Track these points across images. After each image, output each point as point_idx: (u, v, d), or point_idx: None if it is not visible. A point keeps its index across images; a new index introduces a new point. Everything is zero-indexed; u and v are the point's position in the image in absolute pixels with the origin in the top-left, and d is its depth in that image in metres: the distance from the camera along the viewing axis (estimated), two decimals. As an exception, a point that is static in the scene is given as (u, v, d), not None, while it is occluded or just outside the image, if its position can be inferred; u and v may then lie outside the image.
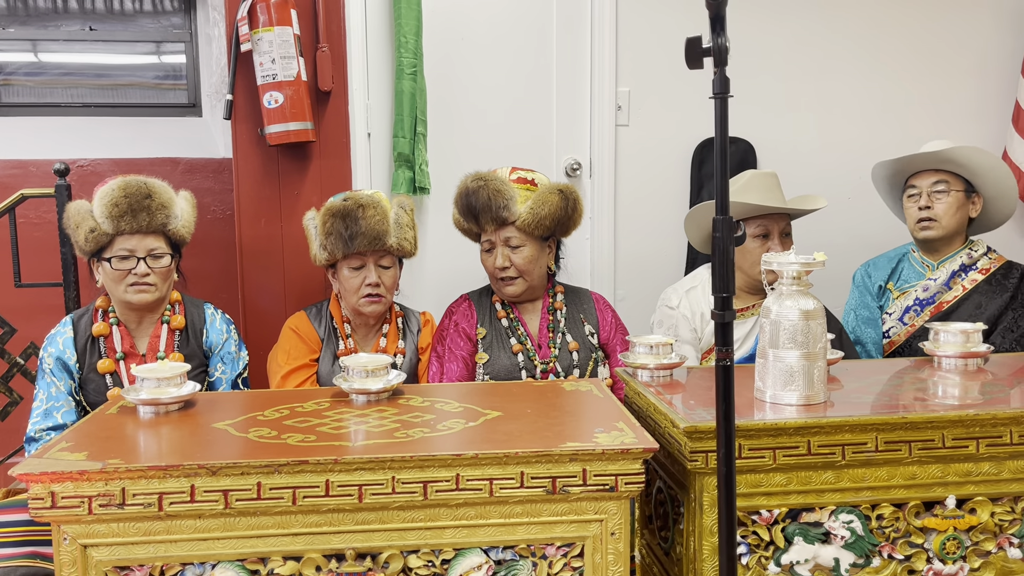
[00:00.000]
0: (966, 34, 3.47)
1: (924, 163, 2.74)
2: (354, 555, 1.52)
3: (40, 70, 3.38)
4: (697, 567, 1.67)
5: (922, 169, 2.76)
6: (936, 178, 2.73)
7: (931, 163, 2.72)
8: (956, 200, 2.72)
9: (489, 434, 1.63)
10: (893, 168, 2.82)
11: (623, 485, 1.54)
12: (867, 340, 2.80)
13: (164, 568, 1.50)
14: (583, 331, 2.57)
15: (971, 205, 2.75)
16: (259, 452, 1.53)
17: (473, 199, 2.47)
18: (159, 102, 3.41)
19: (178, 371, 1.84)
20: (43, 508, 1.46)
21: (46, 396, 2.27)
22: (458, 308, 2.60)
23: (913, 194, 2.77)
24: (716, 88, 1.29)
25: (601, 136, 3.29)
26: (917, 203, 2.75)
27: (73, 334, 2.31)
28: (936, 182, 2.73)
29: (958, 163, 2.69)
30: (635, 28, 3.27)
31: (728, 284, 1.32)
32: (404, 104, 3.00)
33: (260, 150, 2.82)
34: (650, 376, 2.01)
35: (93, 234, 2.25)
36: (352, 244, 2.38)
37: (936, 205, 2.72)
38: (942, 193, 2.71)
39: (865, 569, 1.70)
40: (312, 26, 2.82)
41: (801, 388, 1.73)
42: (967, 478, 1.71)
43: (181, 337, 2.37)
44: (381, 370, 1.89)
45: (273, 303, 2.85)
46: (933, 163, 2.72)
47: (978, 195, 2.75)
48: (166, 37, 3.40)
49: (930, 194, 2.73)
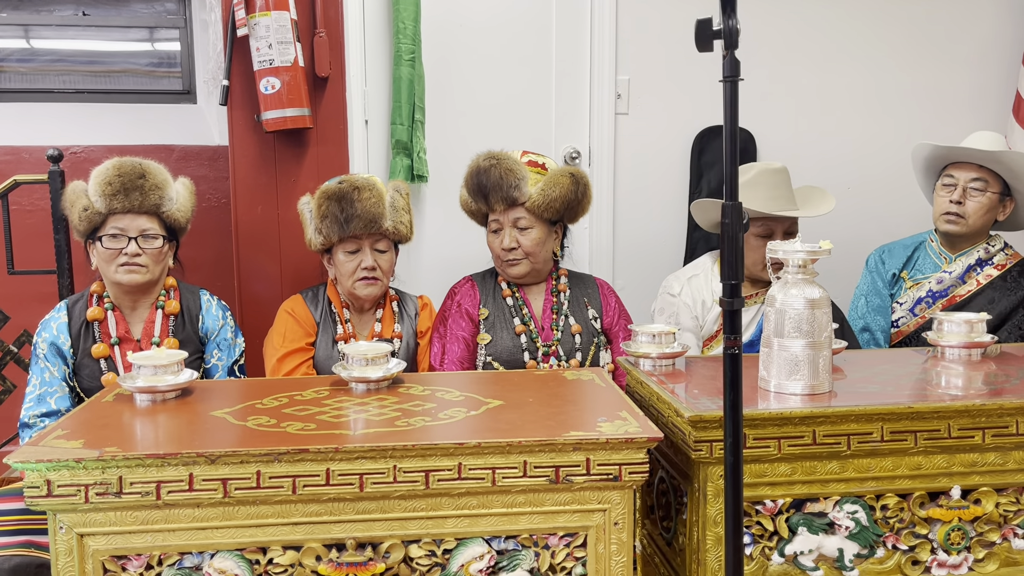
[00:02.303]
0: (967, 24, 3.45)
1: (970, 157, 2.67)
2: (355, 545, 1.50)
3: (33, 56, 3.33)
4: (701, 557, 1.65)
5: (964, 161, 2.69)
6: (976, 174, 2.67)
7: (978, 159, 2.66)
8: (990, 201, 2.67)
9: (491, 423, 1.61)
10: (937, 152, 2.74)
11: (627, 474, 1.52)
12: (875, 328, 2.78)
13: (162, 557, 1.48)
14: (586, 315, 2.55)
15: (1001, 208, 2.71)
16: (258, 440, 1.51)
17: (484, 178, 2.45)
18: (153, 88, 3.38)
19: (175, 359, 1.82)
20: (39, 496, 1.44)
21: (39, 381, 2.25)
22: (461, 288, 2.58)
23: (949, 184, 2.70)
24: (726, 71, 1.26)
25: (600, 124, 3.26)
26: (950, 195, 2.68)
27: (67, 319, 2.30)
28: (976, 179, 2.66)
29: (1007, 167, 2.63)
30: (635, 15, 3.24)
31: (737, 271, 1.30)
32: (402, 91, 2.97)
33: (256, 136, 2.79)
34: (652, 365, 2.00)
35: (86, 212, 2.25)
36: (347, 227, 2.36)
37: (968, 202, 2.66)
38: (978, 192, 2.66)
39: (869, 560, 1.69)
40: (309, 11, 2.78)
41: (806, 377, 1.72)
42: (972, 468, 1.70)
43: (176, 322, 2.35)
44: (381, 358, 1.87)
45: (269, 290, 2.83)
46: (979, 159, 2.66)
47: (1012, 200, 2.70)
48: (160, 23, 3.36)
49: (966, 189, 2.67)
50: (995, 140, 2.68)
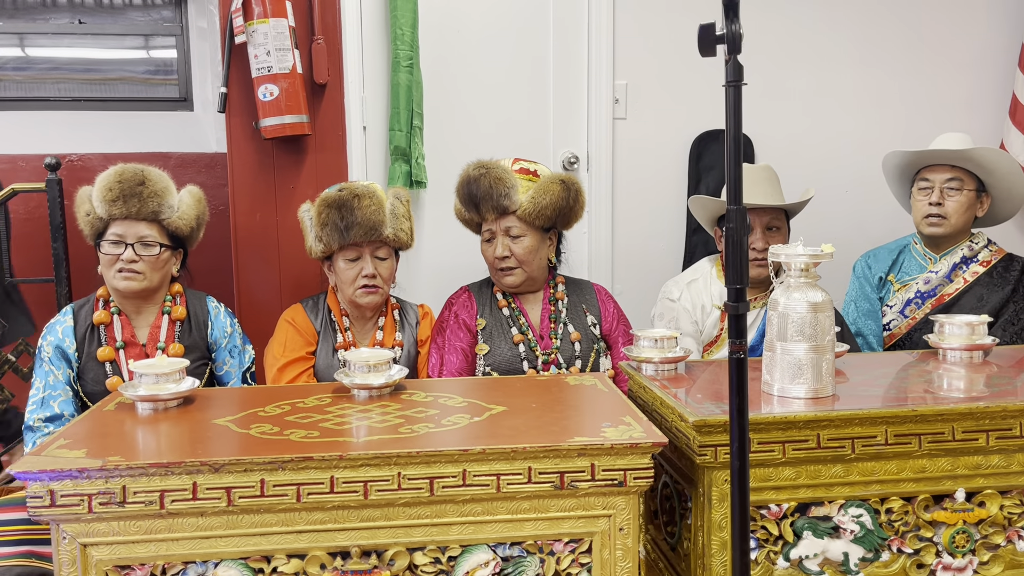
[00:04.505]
0: (963, 27, 3.46)
1: (942, 158, 2.68)
2: (359, 552, 1.50)
3: (29, 64, 3.32)
4: (706, 562, 1.65)
5: (938, 163, 2.71)
6: (951, 175, 2.68)
7: (949, 159, 2.68)
8: (967, 199, 2.69)
9: (495, 429, 1.61)
10: (907, 159, 2.76)
11: (632, 480, 1.52)
12: (868, 332, 2.79)
13: (166, 567, 1.48)
14: (585, 322, 2.55)
15: (979, 204, 2.72)
16: (261, 449, 1.50)
17: (474, 187, 2.45)
18: (150, 96, 3.37)
19: (177, 367, 1.81)
20: (42, 507, 1.43)
21: (43, 385, 2.25)
22: (458, 299, 2.58)
23: (925, 187, 2.72)
24: (729, 76, 1.26)
25: (598, 129, 3.26)
26: (928, 197, 2.70)
27: (73, 323, 2.30)
28: (950, 179, 2.68)
29: (978, 163, 2.65)
30: (632, 20, 3.24)
31: (742, 275, 1.30)
32: (400, 97, 2.97)
33: (255, 143, 2.79)
34: (655, 370, 1.99)
35: (89, 218, 2.30)
36: (348, 235, 2.35)
37: (947, 202, 2.68)
38: (955, 191, 2.68)
39: (874, 563, 1.69)
40: (307, 18, 2.78)
41: (809, 381, 1.72)
42: (976, 471, 1.70)
43: (182, 328, 2.36)
44: (383, 365, 1.87)
45: (269, 297, 2.82)
46: (951, 160, 2.67)
47: (987, 195, 2.72)
48: (156, 30, 3.35)
49: (943, 190, 2.68)
50: (963, 139, 2.70)
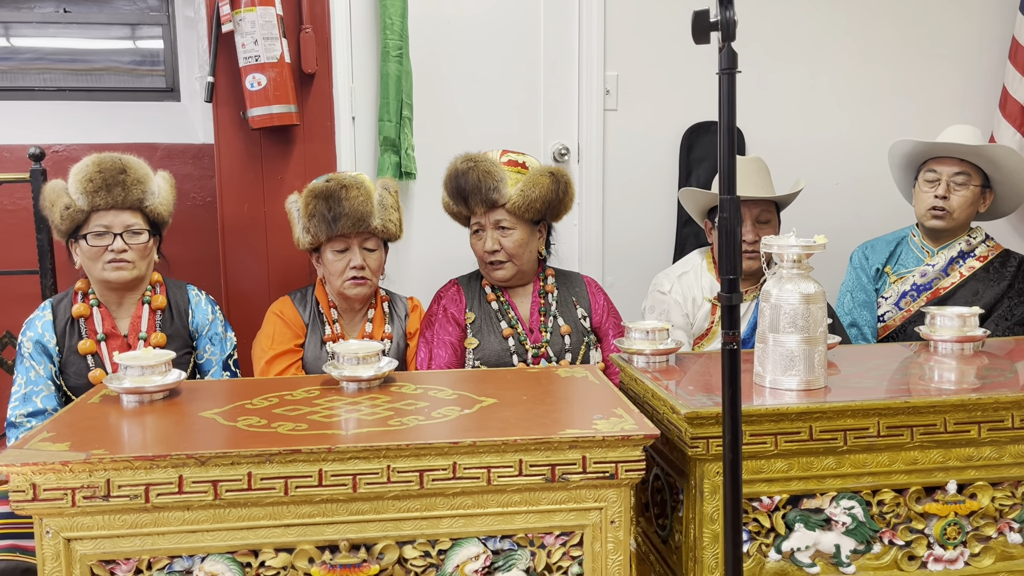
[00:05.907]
0: (954, 21, 3.46)
1: (954, 152, 2.66)
2: (348, 546, 1.48)
3: (13, 54, 3.28)
4: (697, 554, 1.64)
5: (947, 156, 2.69)
6: (959, 168, 2.66)
7: (961, 153, 2.66)
8: (973, 194, 2.67)
9: (485, 421, 1.59)
10: (918, 149, 2.73)
11: (623, 472, 1.51)
12: (863, 323, 2.78)
13: (151, 561, 1.45)
14: (575, 314, 2.53)
15: (983, 200, 2.71)
16: (249, 441, 1.48)
17: (462, 180, 2.42)
18: (136, 86, 3.33)
19: (162, 359, 1.79)
20: (24, 501, 1.40)
21: (25, 380, 2.22)
22: (446, 293, 2.56)
23: (932, 179, 2.70)
24: (724, 63, 1.25)
25: (589, 121, 3.24)
26: (934, 190, 2.68)
27: (52, 317, 2.27)
28: (958, 172, 2.66)
29: (989, 160, 2.64)
30: (624, 11, 3.22)
31: (736, 266, 1.28)
32: (390, 87, 2.94)
33: (242, 133, 2.76)
34: (646, 362, 1.98)
35: (68, 211, 2.21)
36: (335, 226, 2.33)
37: (953, 197, 2.67)
38: (961, 186, 2.66)
39: (866, 555, 1.69)
40: (295, 6, 2.75)
41: (802, 373, 1.71)
42: (968, 463, 1.69)
43: (163, 317, 2.33)
44: (372, 357, 1.85)
45: (256, 288, 2.80)
46: (963, 154, 2.65)
47: (991, 191, 2.71)
48: (143, 20, 3.31)
49: (949, 184, 2.66)
50: (973, 134, 2.69)
